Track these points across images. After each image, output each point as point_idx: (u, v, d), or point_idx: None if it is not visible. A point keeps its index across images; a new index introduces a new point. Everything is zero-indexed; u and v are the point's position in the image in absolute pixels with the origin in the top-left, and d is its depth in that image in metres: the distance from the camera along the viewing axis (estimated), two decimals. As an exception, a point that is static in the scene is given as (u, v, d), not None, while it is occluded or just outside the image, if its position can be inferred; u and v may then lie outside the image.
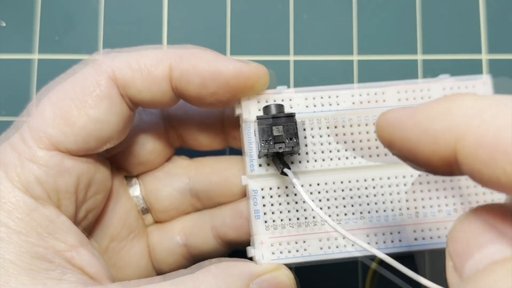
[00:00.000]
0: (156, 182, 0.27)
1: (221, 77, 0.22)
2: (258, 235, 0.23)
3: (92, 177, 0.23)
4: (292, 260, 0.23)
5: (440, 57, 0.32)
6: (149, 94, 0.23)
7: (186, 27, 0.32)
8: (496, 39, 0.32)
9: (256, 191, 0.23)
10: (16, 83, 0.31)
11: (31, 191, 0.21)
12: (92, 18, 0.32)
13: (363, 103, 0.24)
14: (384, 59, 0.32)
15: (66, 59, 0.32)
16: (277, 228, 0.23)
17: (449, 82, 0.25)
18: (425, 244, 0.23)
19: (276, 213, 0.23)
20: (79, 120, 0.22)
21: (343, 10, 0.32)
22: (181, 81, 0.22)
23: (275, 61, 0.32)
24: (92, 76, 0.22)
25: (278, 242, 0.23)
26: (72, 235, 0.21)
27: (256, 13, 0.32)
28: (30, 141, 0.21)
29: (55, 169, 0.21)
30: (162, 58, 0.23)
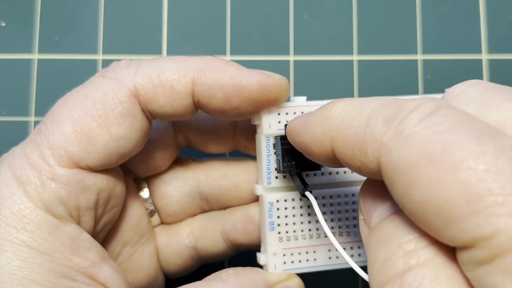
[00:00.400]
0: (165, 186, 0.27)
1: (245, 92, 0.22)
2: (272, 246, 0.24)
3: (111, 192, 0.23)
4: (302, 270, 0.24)
5: (440, 57, 0.32)
6: (171, 109, 0.22)
7: (186, 27, 0.32)
8: (496, 39, 0.32)
9: (272, 204, 0.24)
10: (16, 83, 0.31)
11: (53, 210, 0.21)
12: (92, 18, 0.32)
13: None
14: (384, 59, 0.32)
15: (66, 59, 0.32)
16: (290, 240, 0.24)
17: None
18: None
19: (290, 225, 0.24)
20: (101, 138, 0.21)
21: (343, 10, 0.32)
22: (204, 96, 0.22)
23: (275, 61, 0.32)
24: (113, 93, 0.22)
25: (290, 252, 0.24)
26: (94, 252, 0.21)
27: (256, 13, 0.32)
28: (50, 159, 0.21)
29: (77, 188, 0.21)
30: (185, 72, 0.22)
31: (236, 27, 0.32)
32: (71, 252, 0.21)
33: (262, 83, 0.22)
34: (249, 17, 0.32)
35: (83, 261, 0.21)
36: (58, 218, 0.21)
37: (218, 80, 0.22)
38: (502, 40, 0.32)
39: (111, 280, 0.21)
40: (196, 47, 0.32)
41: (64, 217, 0.21)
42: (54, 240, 0.20)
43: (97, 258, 0.21)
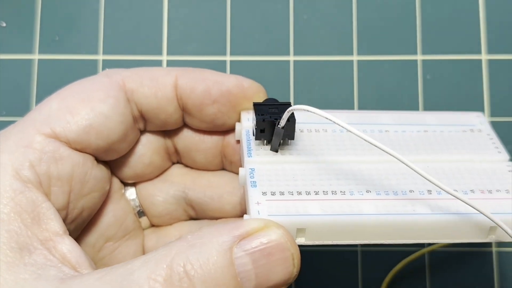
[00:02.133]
0: (152, 187, 0.27)
1: (224, 86, 0.24)
2: (254, 198, 0.21)
3: (89, 172, 0.23)
4: (294, 219, 0.20)
5: (440, 57, 0.32)
6: (155, 100, 0.23)
7: (186, 27, 0.32)
8: (496, 39, 0.32)
9: (253, 169, 0.22)
10: (16, 83, 0.32)
11: (21, 174, 0.21)
12: (92, 18, 0.32)
13: (359, 121, 0.25)
14: (384, 59, 0.32)
15: (66, 59, 0.32)
16: (275, 194, 0.21)
17: (444, 114, 0.26)
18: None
19: (274, 185, 0.21)
20: (82, 111, 0.22)
21: (343, 10, 0.32)
22: (186, 88, 0.24)
23: (275, 61, 0.32)
24: (101, 82, 0.23)
25: (277, 205, 0.20)
26: (56, 223, 0.21)
27: (256, 13, 0.32)
28: (29, 129, 0.21)
29: (50, 155, 0.21)
30: (170, 69, 0.24)
31: (236, 27, 0.32)
32: (31, 219, 0.20)
33: (240, 81, 0.24)
34: (249, 17, 0.32)
35: (43, 231, 0.20)
36: (25, 183, 0.20)
37: (200, 74, 0.24)
38: (502, 40, 0.32)
39: (69, 252, 0.20)
40: (196, 47, 0.32)
41: (32, 183, 0.21)
42: (16, 205, 0.20)
43: (58, 229, 0.21)
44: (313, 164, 0.23)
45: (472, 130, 0.25)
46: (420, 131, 0.25)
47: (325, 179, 0.22)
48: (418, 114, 0.26)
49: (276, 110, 0.22)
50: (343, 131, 0.24)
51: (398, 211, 0.21)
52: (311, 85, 0.32)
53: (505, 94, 0.32)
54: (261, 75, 0.32)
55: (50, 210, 0.21)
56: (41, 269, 0.19)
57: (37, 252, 0.20)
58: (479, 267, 0.31)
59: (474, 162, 0.24)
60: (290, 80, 0.32)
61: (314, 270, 0.31)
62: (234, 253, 0.18)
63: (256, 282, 0.18)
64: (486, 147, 0.24)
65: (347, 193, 0.21)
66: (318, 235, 0.20)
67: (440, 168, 0.23)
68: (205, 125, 0.25)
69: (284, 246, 0.19)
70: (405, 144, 0.24)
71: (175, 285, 0.18)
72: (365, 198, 0.21)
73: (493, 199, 0.22)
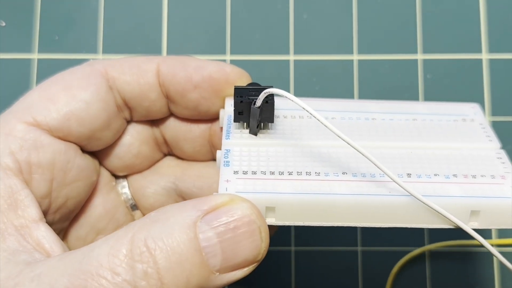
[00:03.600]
0: (143, 179, 0.27)
1: (205, 71, 0.23)
2: (224, 176, 0.20)
3: (71, 160, 0.23)
4: (264, 196, 0.19)
5: (440, 57, 0.32)
6: (137, 87, 0.23)
7: (186, 27, 0.32)
8: (496, 39, 0.32)
9: (229, 150, 0.22)
10: (16, 83, 0.31)
11: (0, 160, 0.20)
12: (92, 18, 0.32)
13: (345, 109, 0.24)
14: (384, 58, 0.32)
15: (66, 59, 0.32)
16: (247, 173, 0.20)
17: (435, 104, 0.25)
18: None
19: (247, 165, 0.21)
20: (62, 98, 0.22)
21: (343, 10, 0.32)
22: (168, 74, 0.24)
23: (275, 61, 0.32)
24: (83, 71, 0.23)
25: (247, 183, 0.20)
26: (33, 209, 0.20)
27: (256, 13, 0.32)
28: (11, 119, 0.21)
29: (30, 142, 0.21)
30: (152, 58, 0.24)
31: (236, 27, 0.32)
32: (8, 205, 0.20)
33: (222, 66, 0.24)
34: (249, 17, 0.32)
35: (19, 217, 0.20)
36: (4, 169, 0.20)
37: (181, 61, 0.24)
38: (502, 40, 0.32)
39: (44, 238, 0.20)
40: (196, 47, 0.32)
41: (11, 169, 0.21)
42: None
43: (34, 216, 0.20)
44: (290, 147, 0.22)
45: (464, 119, 0.24)
46: (409, 120, 0.24)
47: (300, 161, 0.21)
48: (409, 104, 0.25)
49: (257, 94, 0.21)
50: (328, 118, 0.23)
51: (372, 191, 0.20)
52: (311, 85, 0.32)
53: (506, 94, 0.31)
54: (261, 75, 0.32)
55: (28, 197, 0.21)
56: (12, 255, 0.19)
57: (11, 238, 0.19)
58: (479, 267, 0.31)
59: (462, 149, 0.23)
60: (290, 79, 0.32)
61: (314, 270, 0.31)
62: (198, 228, 0.17)
63: (222, 258, 0.18)
64: (477, 135, 0.23)
65: (321, 174, 0.21)
66: (289, 215, 0.20)
67: (424, 154, 0.22)
68: (190, 112, 0.25)
69: (250, 219, 0.18)
70: (391, 131, 0.23)
71: (135, 260, 0.17)
72: (339, 179, 0.20)
73: (475, 184, 0.21)
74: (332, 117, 0.24)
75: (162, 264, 0.17)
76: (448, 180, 0.21)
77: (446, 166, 0.22)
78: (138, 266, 0.17)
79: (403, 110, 0.24)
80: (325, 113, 0.24)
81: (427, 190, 0.20)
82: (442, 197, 0.20)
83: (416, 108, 0.25)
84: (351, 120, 0.24)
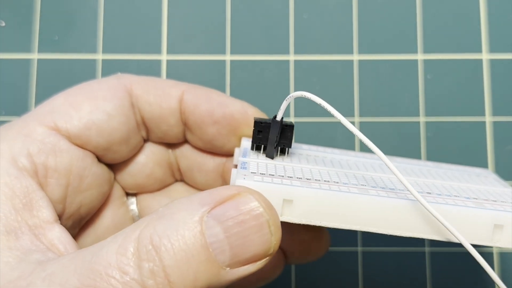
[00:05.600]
0: (152, 199, 0.27)
1: (228, 109, 0.24)
2: (241, 173, 0.19)
3: (88, 168, 0.23)
4: (281, 188, 0.18)
5: (440, 57, 0.32)
6: (158, 110, 0.24)
7: (186, 27, 0.32)
8: (497, 39, 0.32)
9: (246, 162, 0.21)
10: (15, 83, 0.31)
11: (18, 161, 0.21)
12: (92, 18, 0.32)
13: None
14: (384, 59, 0.32)
15: (66, 59, 0.32)
16: (265, 175, 0.20)
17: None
18: None
19: (266, 173, 0.20)
20: (86, 107, 0.22)
21: (343, 9, 0.32)
22: (191, 103, 0.24)
23: (275, 61, 0.32)
24: (108, 83, 0.23)
25: (264, 179, 0.19)
26: (47, 211, 0.20)
27: (256, 13, 0.32)
28: (32, 121, 0.22)
29: (49, 146, 0.21)
30: (178, 83, 0.24)
31: (236, 27, 0.32)
32: (23, 205, 0.20)
33: (245, 108, 0.24)
34: (249, 17, 0.32)
35: (33, 217, 0.20)
36: (21, 170, 0.20)
37: (206, 94, 0.24)
38: (502, 40, 0.32)
39: (59, 239, 0.20)
40: (196, 47, 0.32)
41: (28, 171, 0.21)
42: (8, 190, 0.20)
43: (49, 217, 0.20)
44: (307, 164, 0.22)
45: (478, 175, 0.26)
46: (430, 167, 0.25)
47: (316, 173, 0.21)
48: (425, 167, 0.26)
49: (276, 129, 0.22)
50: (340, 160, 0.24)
51: (392, 196, 0.19)
52: (311, 85, 0.32)
53: (506, 94, 0.31)
54: (261, 75, 0.32)
55: (43, 199, 0.21)
56: (25, 254, 0.19)
57: (24, 237, 0.19)
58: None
59: (480, 186, 0.23)
60: (290, 79, 0.32)
61: (314, 270, 0.31)
62: (205, 223, 0.17)
63: (231, 253, 0.17)
64: (493, 183, 0.24)
65: (340, 182, 0.20)
66: (306, 211, 0.19)
67: (449, 184, 0.23)
68: (204, 145, 0.25)
69: (258, 212, 0.17)
70: (415, 171, 0.24)
71: (142, 259, 0.17)
72: (359, 187, 0.20)
73: (496, 204, 0.21)
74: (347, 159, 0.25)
75: (167, 262, 0.17)
76: (469, 200, 0.20)
77: (466, 192, 0.22)
78: (144, 265, 0.17)
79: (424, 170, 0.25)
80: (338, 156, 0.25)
81: (448, 206, 0.20)
82: (461, 206, 0.20)
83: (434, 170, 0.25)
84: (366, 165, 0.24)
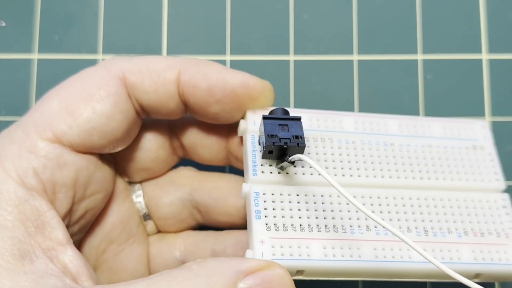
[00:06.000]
0: (158, 189, 0.27)
1: (228, 85, 0.23)
2: (258, 234, 0.22)
3: (92, 175, 0.23)
4: (295, 263, 0.21)
5: (440, 57, 0.32)
6: (156, 97, 0.23)
7: (186, 27, 0.32)
8: (497, 39, 0.32)
9: (258, 193, 0.23)
10: (15, 83, 0.31)
11: (26, 181, 0.20)
12: (92, 18, 0.32)
13: (366, 130, 0.25)
14: (384, 59, 0.32)
15: (66, 59, 0.32)
16: (279, 230, 0.22)
17: (450, 122, 0.27)
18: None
19: (278, 216, 0.22)
20: (84, 113, 0.22)
21: (343, 10, 0.32)
22: (189, 85, 0.23)
23: (275, 61, 0.32)
24: (101, 76, 0.22)
25: (280, 244, 0.22)
26: (59, 231, 0.21)
27: (256, 13, 0.32)
28: (32, 133, 0.21)
29: (54, 161, 0.21)
30: (173, 63, 0.23)
31: (236, 27, 0.32)
32: (35, 228, 0.20)
33: (246, 80, 0.23)
34: (249, 17, 0.32)
35: (46, 240, 0.20)
36: (30, 190, 0.20)
37: (203, 71, 0.23)
38: (502, 40, 0.32)
39: (71, 262, 0.20)
40: (196, 47, 0.32)
41: (37, 190, 0.21)
42: (20, 213, 0.20)
43: (62, 238, 0.21)
44: (317, 187, 0.23)
45: (474, 146, 0.26)
46: (425, 146, 0.26)
47: (328, 209, 0.23)
48: (425, 121, 0.26)
49: (286, 128, 0.22)
50: (349, 142, 0.25)
51: (395, 257, 0.22)
52: (311, 85, 0.32)
53: (506, 94, 0.32)
54: (261, 75, 0.32)
55: (54, 219, 0.21)
56: (41, 278, 0.19)
57: (39, 260, 0.20)
58: None
59: (471, 192, 0.25)
60: (290, 79, 0.32)
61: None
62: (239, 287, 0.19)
63: None
64: (486, 172, 0.25)
65: (348, 231, 0.22)
66: (317, 275, 0.22)
67: (440, 201, 0.24)
68: (208, 120, 0.24)
69: (285, 285, 0.19)
70: (409, 162, 0.25)
71: None
72: (364, 239, 0.22)
73: (483, 244, 0.23)
74: (353, 141, 0.25)
75: None
76: (460, 239, 0.23)
77: (459, 220, 0.24)
78: None
79: (419, 132, 0.26)
80: (346, 135, 0.25)
81: (443, 252, 0.23)
82: (455, 263, 0.23)
83: (432, 128, 0.26)
84: (371, 145, 0.25)
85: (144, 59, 0.23)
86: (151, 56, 0.24)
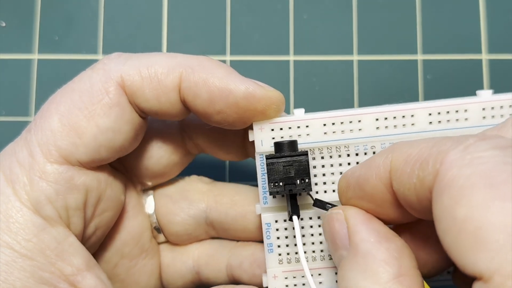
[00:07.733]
0: (172, 204, 0.26)
1: (231, 96, 0.21)
2: (271, 269, 0.23)
3: (102, 193, 0.22)
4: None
5: (440, 57, 0.32)
6: (157, 104, 0.22)
7: (186, 27, 0.32)
8: (496, 39, 0.32)
9: (269, 225, 0.23)
10: (16, 83, 0.31)
11: (41, 210, 0.20)
12: (92, 18, 0.32)
13: (388, 128, 0.22)
14: (384, 59, 0.32)
15: (66, 59, 0.32)
16: (291, 262, 0.23)
17: (489, 101, 0.22)
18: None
19: (290, 246, 0.23)
20: (88, 130, 0.21)
21: (343, 10, 0.32)
22: (189, 93, 0.21)
23: (275, 61, 0.32)
24: (100, 83, 0.21)
25: (292, 275, 0.23)
26: (79, 257, 0.21)
27: (256, 13, 0.32)
28: (39, 156, 0.21)
29: (65, 186, 0.21)
30: (174, 66, 0.21)
31: (236, 27, 0.32)
32: (55, 256, 0.20)
33: (251, 91, 0.21)
34: (249, 17, 0.32)
35: (66, 267, 0.20)
36: (46, 219, 0.20)
37: (204, 79, 0.21)
38: (502, 40, 0.32)
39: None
40: (196, 47, 0.32)
41: (53, 218, 0.20)
42: (39, 242, 0.20)
43: (82, 265, 0.21)
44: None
45: None
46: None
47: None
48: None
49: (292, 168, 0.21)
50: (367, 148, 0.22)
51: None
52: (311, 85, 0.32)
53: (505, 94, 0.32)
54: (261, 75, 0.32)
55: (73, 245, 0.21)
56: None
57: (60, 286, 0.20)
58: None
59: None
60: (290, 80, 0.32)
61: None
62: None
63: None
64: None
65: None
66: None
67: None
68: (214, 125, 0.23)
69: None
70: None
71: None
72: None
73: None
74: (372, 145, 0.22)
75: None
76: None
77: None
78: None
79: (456, 115, 0.22)
80: (364, 140, 0.22)
81: None
82: None
83: (470, 109, 0.22)
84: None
85: (143, 58, 0.22)
86: (151, 54, 0.22)
